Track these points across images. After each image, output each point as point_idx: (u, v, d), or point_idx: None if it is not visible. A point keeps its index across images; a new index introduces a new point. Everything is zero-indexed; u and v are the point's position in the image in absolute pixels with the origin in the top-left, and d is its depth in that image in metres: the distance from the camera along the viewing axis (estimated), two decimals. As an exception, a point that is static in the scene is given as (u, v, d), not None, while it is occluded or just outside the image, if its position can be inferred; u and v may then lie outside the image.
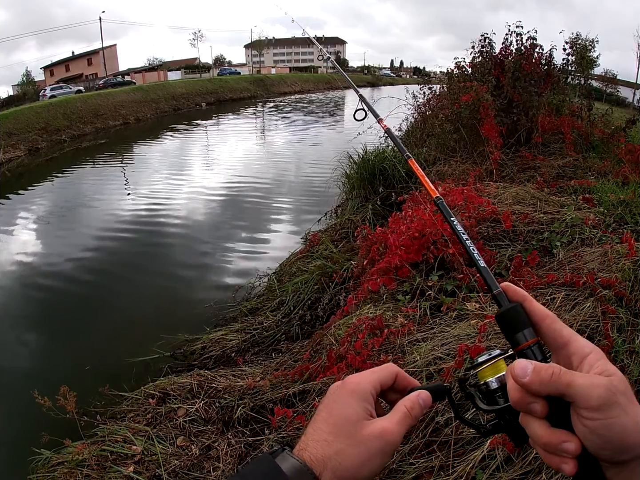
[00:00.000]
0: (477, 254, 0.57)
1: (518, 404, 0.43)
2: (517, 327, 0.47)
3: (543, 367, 0.42)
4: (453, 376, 1.93)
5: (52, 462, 2.55)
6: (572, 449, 0.40)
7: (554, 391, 0.41)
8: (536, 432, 0.42)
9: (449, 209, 0.66)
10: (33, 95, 31.26)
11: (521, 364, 0.43)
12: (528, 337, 0.46)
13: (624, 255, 2.57)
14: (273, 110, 29.58)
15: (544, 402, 0.42)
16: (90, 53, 50.23)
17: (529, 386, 0.42)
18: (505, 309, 0.48)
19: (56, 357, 4.17)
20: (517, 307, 0.48)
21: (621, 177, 4.53)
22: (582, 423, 0.39)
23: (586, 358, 0.43)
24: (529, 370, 0.42)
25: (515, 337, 0.47)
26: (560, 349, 0.46)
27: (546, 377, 0.41)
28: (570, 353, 0.45)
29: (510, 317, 0.48)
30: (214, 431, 2.62)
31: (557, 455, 0.41)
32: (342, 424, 0.46)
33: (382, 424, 0.47)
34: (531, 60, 6.05)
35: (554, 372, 0.41)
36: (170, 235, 7.31)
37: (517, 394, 0.43)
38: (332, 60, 1.68)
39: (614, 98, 17.39)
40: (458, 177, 4.92)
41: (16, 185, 11.73)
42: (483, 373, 0.49)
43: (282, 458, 0.45)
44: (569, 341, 0.45)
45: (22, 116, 19.12)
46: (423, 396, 0.50)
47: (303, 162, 12.62)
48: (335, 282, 4.01)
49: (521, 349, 0.46)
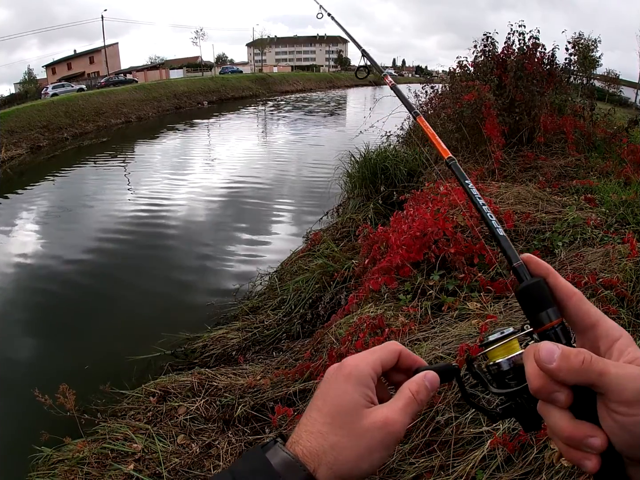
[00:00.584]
0: (496, 221, 0.51)
1: (539, 392, 0.38)
2: (540, 305, 0.42)
3: (572, 352, 0.37)
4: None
5: (52, 460, 2.55)
6: (597, 444, 0.36)
7: (583, 381, 0.36)
8: (558, 424, 0.38)
9: (462, 171, 0.59)
10: (35, 94, 31.26)
11: (547, 347, 0.37)
12: (552, 316, 0.41)
13: (625, 256, 2.57)
14: (274, 109, 29.58)
15: (569, 391, 0.37)
16: (92, 51, 50.27)
17: (555, 373, 0.37)
18: (527, 284, 0.43)
19: (57, 356, 4.18)
20: (541, 282, 0.43)
21: (623, 178, 4.52)
22: (611, 417, 0.35)
23: (616, 343, 0.39)
24: (556, 355, 0.37)
25: (538, 316, 0.42)
26: (587, 331, 0.41)
27: (576, 364, 0.36)
28: (597, 336, 0.40)
29: (532, 293, 0.43)
30: (215, 429, 2.63)
31: (580, 450, 0.37)
32: (338, 413, 0.42)
33: (383, 413, 0.43)
34: (533, 59, 6.04)
35: (584, 359, 0.36)
36: (171, 235, 7.31)
37: (539, 380, 0.38)
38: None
39: (617, 98, 17.34)
40: (460, 176, 4.91)
41: (17, 184, 11.75)
42: (494, 353, 0.45)
43: (273, 452, 0.42)
44: (597, 323, 0.40)
45: (23, 114, 19.14)
46: (430, 377, 0.45)
47: (304, 161, 12.61)
48: (336, 281, 4.01)
49: (544, 330, 0.41)
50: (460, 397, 1.91)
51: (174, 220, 7.98)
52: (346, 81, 57.33)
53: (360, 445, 0.41)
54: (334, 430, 0.42)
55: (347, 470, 0.41)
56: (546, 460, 1.57)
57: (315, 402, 0.45)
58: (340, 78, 58.68)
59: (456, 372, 0.48)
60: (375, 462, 0.42)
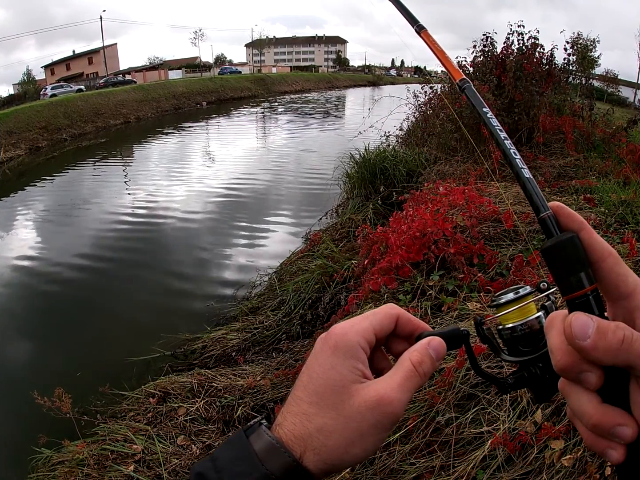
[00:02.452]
0: (520, 159, 0.42)
1: (567, 370, 0.33)
2: (572, 268, 0.34)
3: (610, 327, 0.31)
4: (454, 376, 1.93)
5: (52, 461, 2.55)
6: (628, 434, 0.31)
7: (621, 362, 0.31)
8: (584, 408, 0.33)
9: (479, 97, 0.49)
10: (34, 94, 31.24)
11: (581, 319, 0.31)
12: (586, 282, 0.34)
13: (625, 256, 2.57)
14: (274, 110, 29.57)
15: (601, 372, 0.32)
16: (91, 52, 50.25)
17: (589, 352, 0.31)
18: (558, 241, 0.35)
19: (57, 357, 4.17)
20: (574, 238, 0.35)
21: (622, 177, 4.52)
22: None
23: None
24: (590, 330, 0.31)
25: (569, 280, 0.34)
26: (621, 300, 0.34)
27: (614, 343, 0.30)
28: (634, 306, 0.34)
29: (564, 251, 0.35)
30: (215, 430, 2.63)
31: (606, 439, 0.32)
32: (325, 391, 0.37)
33: (377, 389, 0.37)
34: (532, 59, 6.05)
35: (625, 337, 0.30)
36: (170, 235, 7.32)
37: (567, 358, 0.32)
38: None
39: (615, 98, 17.38)
40: (459, 176, 4.92)
41: (16, 185, 11.74)
42: (508, 315, 0.40)
43: (256, 435, 0.37)
44: (634, 291, 0.34)
45: (22, 115, 19.13)
46: (435, 345, 0.39)
47: (304, 161, 12.61)
48: (336, 281, 4.01)
49: (574, 298, 0.34)
50: (460, 397, 1.91)
51: (173, 221, 7.97)
52: (345, 81, 57.47)
53: (350, 428, 0.36)
54: (320, 411, 0.37)
55: (337, 456, 0.36)
56: (546, 460, 1.57)
57: (300, 378, 0.39)
58: (339, 78, 58.77)
59: (465, 338, 0.42)
60: (370, 447, 0.37)
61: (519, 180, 0.41)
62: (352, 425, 0.36)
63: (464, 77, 0.52)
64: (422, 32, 0.63)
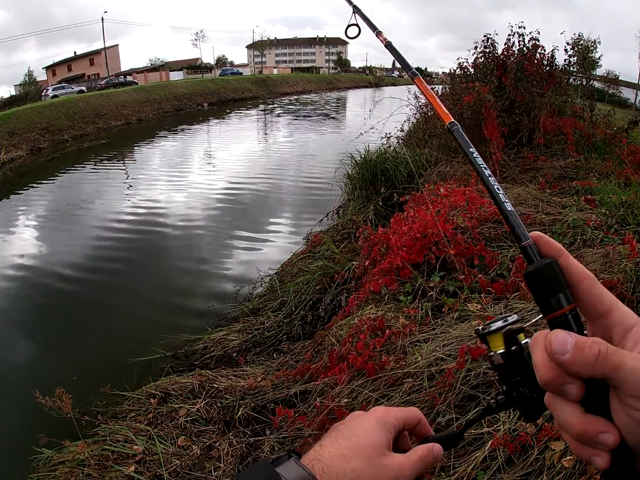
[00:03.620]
0: (503, 194, 0.46)
1: (550, 384, 0.36)
2: (551, 290, 0.38)
3: (586, 342, 0.34)
4: (454, 377, 1.93)
5: (53, 462, 2.55)
6: (610, 441, 0.34)
7: (598, 374, 0.34)
8: (568, 419, 0.36)
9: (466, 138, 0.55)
10: (35, 95, 31.27)
11: (560, 336, 0.35)
12: (564, 302, 0.37)
13: (625, 257, 2.57)
14: (275, 111, 29.59)
15: (581, 383, 0.35)
16: (92, 53, 50.31)
17: (568, 366, 0.34)
18: (538, 266, 0.39)
19: (57, 357, 4.18)
20: (552, 263, 0.39)
21: (623, 178, 4.53)
22: (626, 413, 0.33)
23: (630, 332, 0.36)
24: (569, 345, 0.34)
25: (549, 301, 0.38)
26: (599, 318, 0.38)
27: (591, 357, 0.33)
28: (610, 324, 0.37)
29: (543, 276, 0.39)
30: (215, 431, 2.63)
31: (591, 446, 0.35)
32: (365, 445, 0.46)
33: (402, 458, 0.48)
34: (533, 60, 6.05)
35: (600, 351, 0.33)
36: (171, 236, 7.32)
37: (550, 372, 0.35)
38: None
39: (616, 99, 17.37)
40: (460, 177, 4.92)
41: (18, 185, 11.75)
42: (496, 342, 0.44)
43: (286, 466, 0.43)
44: (610, 309, 0.37)
45: (24, 116, 19.17)
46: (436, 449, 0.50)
47: (305, 162, 12.62)
48: (336, 282, 4.01)
49: (555, 317, 0.38)
50: (460, 398, 1.91)
51: (173, 222, 7.98)
52: (346, 83, 57.49)
53: (377, 476, 0.45)
54: (358, 458, 0.45)
55: None
56: (547, 460, 1.57)
57: (341, 431, 0.49)
58: (340, 79, 58.82)
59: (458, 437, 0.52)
60: None
61: (502, 213, 0.46)
62: (379, 474, 0.45)
63: (452, 120, 0.58)
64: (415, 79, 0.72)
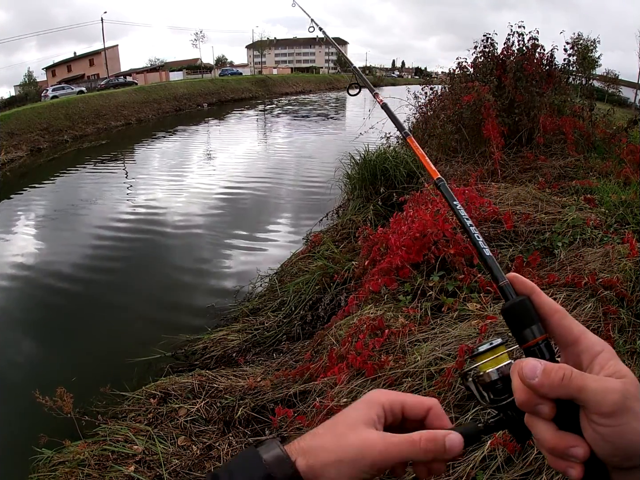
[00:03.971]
0: (482, 241, 0.52)
1: (524, 405, 0.41)
2: (524, 323, 0.44)
3: (553, 368, 0.39)
4: (454, 376, 1.93)
5: (53, 462, 2.55)
6: (580, 454, 0.38)
7: (564, 395, 0.38)
8: (543, 435, 0.40)
9: (451, 192, 0.61)
10: (35, 96, 31.26)
11: (530, 364, 0.40)
12: (536, 333, 0.43)
13: (625, 256, 2.57)
14: (274, 111, 29.59)
15: (552, 404, 0.40)
16: (92, 53, 50.30)
17: (537, 388, 0.39)
18: (513, 303, 0.45)
19: (58, 357, 4.18)
20: (525, 300, 0.45)
21: (623, 178, 4.52)
22: (592, 428, 0.38)
23: (597, 357, 0.41)
24: (538, 371, 0.39)
25: (523, 333, 0.44)
26: (570, 346, 0.43)
27: (556, 380, 0.38)
28: (579, 351, 0.42)
29: (517, 311, 0.45)
30: (215, 431, 2.63)
31: (564, 459, 0.39)
32: (339, 422, 0.45)
33: (370, 435, 0.43)
34: (533, 60, 6.05)
35: (564, 375, 0.38)
36: (171, 236, 7.32)
37: (523, 395, 0.40)
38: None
39: (616, 98, 17.37)
40: (459, 177, 4.92)
41: (17, 186, 11.75)
42: (484, 363, 0.47)
43: (265, 447, 0.43)
44: (579, 338, 0.42)
45: (24, 116, 19.17)
46: (453, 438, 0.43)
47: (304, 162, 12.62)
48: (336, 282, 4.01)
49: (529, 346, 0.43)
50: (460, 397, 1.91)
51: (174, 222, 7.99)
52: (346, 83, 57.15)
53: (337, 453, 0.42)
54: (328, 434, 0.44)
55: (318, 468, 0.42)
56: (546, 460, 1.56)
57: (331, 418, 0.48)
58: (340, 80, 58.70)
59: (485, 431, 0.47)
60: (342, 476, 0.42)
61: (481, 257, 0.51)
62: (339, 451, 0.42)
63: (439, 176, 0.65)
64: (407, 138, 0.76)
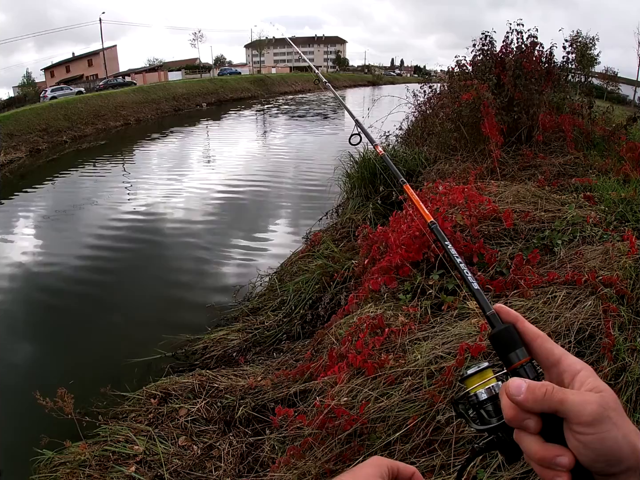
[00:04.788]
0: (471, 276, 0.59)
1: (512, 420, 0.44)
2: (510, 347, 0.49)
3: (536, 385, 0.43)
4: (454, 374, 1.93)
5: (54, 463, 2.55)
6: (566, 462, 0.41)
7: (547, 408, 0.42)
8: (530, 448, 0.44)
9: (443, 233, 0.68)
10: (34, 97, 31.22)
11: (515, 382, 0.44)
12: (520, 356, 0.48)
13: (625, 253, 2.57)
14: (273, 110, 29.57)
15: (537, 418, 0.43)
16: (90, 54, 50.26)
17: (523, 404, 0.43)
18: (499, 330, 0.50)
19: (58, 358, 4.18)
20: (510, 327, 0.49)
21: (622, 175, 4.52)
22: (575, 438, 0.41)
23: (577, 375, 0.44)
24: (523, 388, 0.43)
25: (509, 356, 0.49)
26: (552, 367, 0.47)
27: (539, 395, 0.42)
28: (561, 371, 0.46)
29: (503, 337, 0.50)
30: (216, 431, 2.63)
31: (552, 469, 0.42)
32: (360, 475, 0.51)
33: None
34: (532, 58, 6.04)
35: (547, 390, 0.42)
36: (171, 236, 7.32)
37: (511, 411, 0.44)
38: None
39: (615, 96, 17.37)
40: (459, 175, 4.91)
41: (17, 187, 11.75)
42: (472, 385, 0.51)
43: None
44: (560, 359, 0.46)
45: (22, 117, 19.16)
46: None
47: (304, 161, 12.61)
48: (336, 281, 4.01)
49: (514, 368, 0.48)
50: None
51: (174, 221, 7.98)
52: (345, 81, 57.43)
53: None
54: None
55: None
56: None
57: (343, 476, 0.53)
58: (339, 78, 58.69)
59: (478, 454, 0.53)
60: None
61: (470, 290, 0.58)
62: None
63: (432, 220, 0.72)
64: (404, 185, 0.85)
